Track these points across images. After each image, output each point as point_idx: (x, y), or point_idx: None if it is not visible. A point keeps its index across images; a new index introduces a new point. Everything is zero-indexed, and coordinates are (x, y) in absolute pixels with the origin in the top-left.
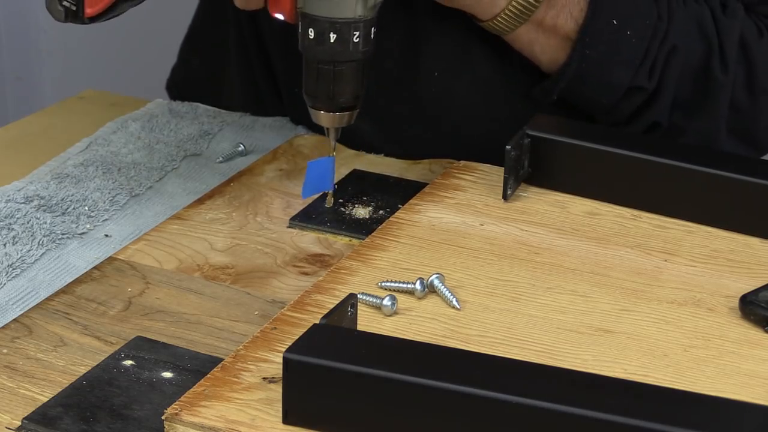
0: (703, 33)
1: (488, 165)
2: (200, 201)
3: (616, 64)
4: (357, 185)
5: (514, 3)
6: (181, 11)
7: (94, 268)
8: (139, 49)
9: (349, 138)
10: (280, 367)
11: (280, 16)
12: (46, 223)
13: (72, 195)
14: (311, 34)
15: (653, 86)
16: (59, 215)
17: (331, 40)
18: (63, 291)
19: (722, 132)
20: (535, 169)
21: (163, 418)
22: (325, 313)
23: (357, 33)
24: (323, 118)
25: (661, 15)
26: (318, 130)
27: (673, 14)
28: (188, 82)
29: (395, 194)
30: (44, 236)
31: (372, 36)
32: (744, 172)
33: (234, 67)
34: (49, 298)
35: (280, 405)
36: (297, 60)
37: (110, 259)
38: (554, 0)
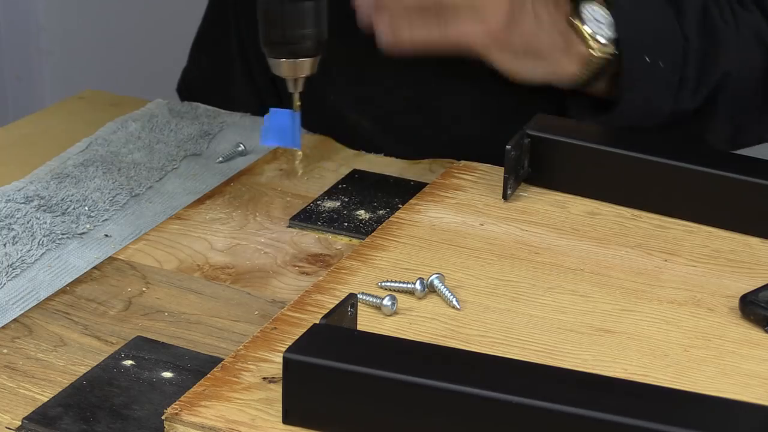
0: (762, 42)
1: (488, 165)
2: (200, 201)
3: (655, 95)
4: (357, 185)
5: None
6: (181, 12)
7: (94, 268)
8: (138, 49)
9: (349, 137)
10: (280, 367)
11: None
12: (46, 223)
13: (72, 195)
14: None
15: (698, 103)
16: (59, 215)
17: None
18: (63, 291)
19: None
20: (535, 169)
21: (163, 418)
22: (325, 313)
23: None
24: (285, 67)
25: (686, 35)
26: (318, 130)
27: (719, 40)
28: (198, 84)
29: (395, 194)
30: (44, 236)
31: None
32: (744, 172)
33: (237, 70)
34: (49, 298)
35: (280, 405)
36: None
37: (110, 259)
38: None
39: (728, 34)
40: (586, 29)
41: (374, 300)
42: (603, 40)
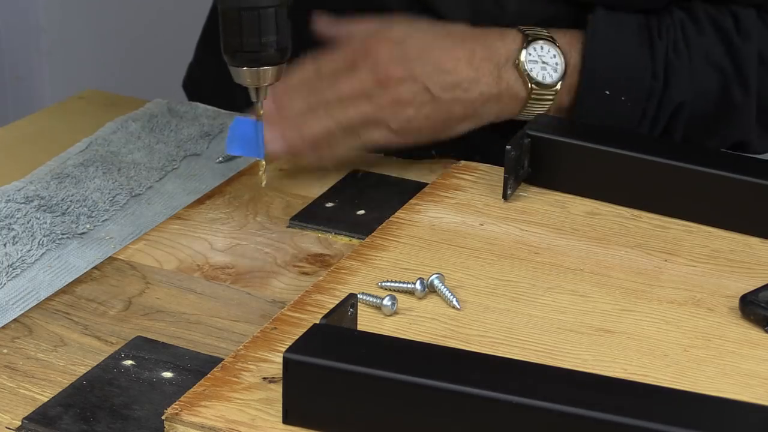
0: (715, 66)
1: (488, 165)
2: (200, 201)
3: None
4: (357, 185)
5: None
6: (181, 12)
7: (94, 268)
8: (139, 49)
9: None
10: (280, 367)
11: None
12: (46, 223)
13: (72, 195)
14: None
15: (657, 134)
16: (59, 215)
17: None
18: (63, 291)
19: (753, 136)
20: (535, 169)
21: (163, 418)
22: (325, 313)
23: None
24: (247, 75)
25: (656, 73)
26: None
27: (672, 72)
28: (203, 81)
29: (395, 194)
30: (44, 236)
31: None
32: (744, 172)
33: None
34: (49, 298)
35: (280, 405)
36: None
37: (110, 259)
38: None
39: (681, 65)
40: (529, 73)
41: (374, 300)
42: (547, 81)
